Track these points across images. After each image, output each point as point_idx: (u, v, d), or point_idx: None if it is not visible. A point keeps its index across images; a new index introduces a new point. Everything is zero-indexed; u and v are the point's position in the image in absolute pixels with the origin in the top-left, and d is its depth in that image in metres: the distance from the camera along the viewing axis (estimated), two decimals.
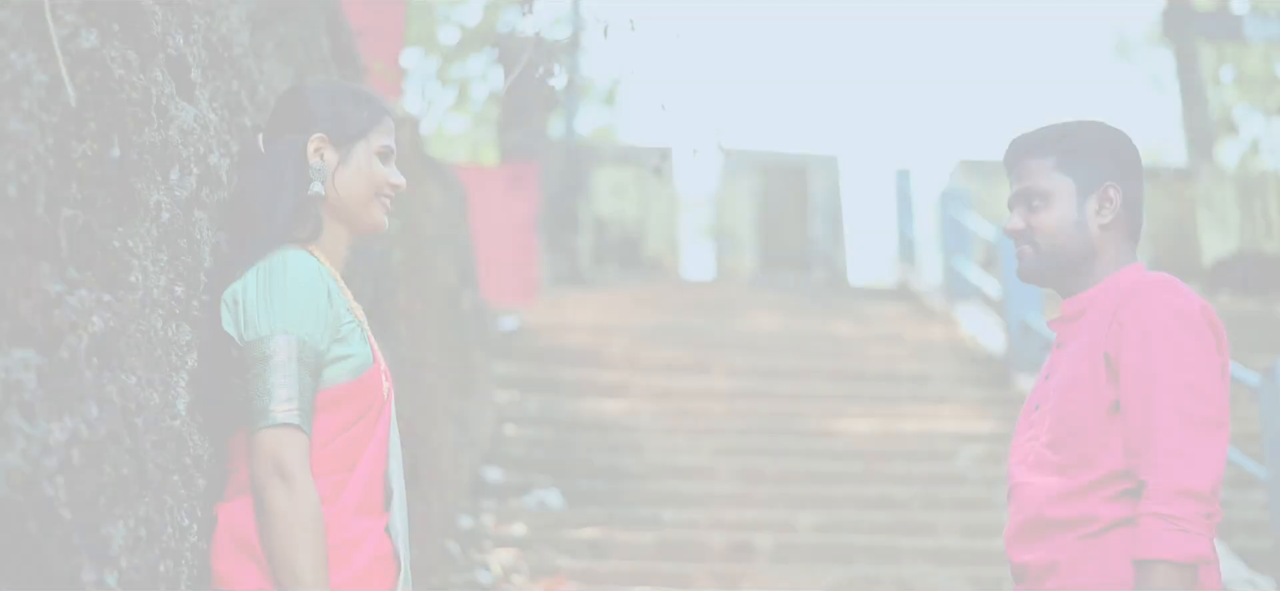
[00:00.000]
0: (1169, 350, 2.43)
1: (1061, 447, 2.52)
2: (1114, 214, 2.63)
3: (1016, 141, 2.72)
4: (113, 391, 1.89)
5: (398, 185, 2.58)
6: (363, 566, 2.36)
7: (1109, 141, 2.67)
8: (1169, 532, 2.30)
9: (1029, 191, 2.65)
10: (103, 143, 1.94)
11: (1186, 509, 2.31)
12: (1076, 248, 2.62)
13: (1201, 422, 2.38)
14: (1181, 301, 2.48)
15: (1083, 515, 2.47)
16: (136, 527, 1.92)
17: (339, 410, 2.39)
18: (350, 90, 2.59)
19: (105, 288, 1.94)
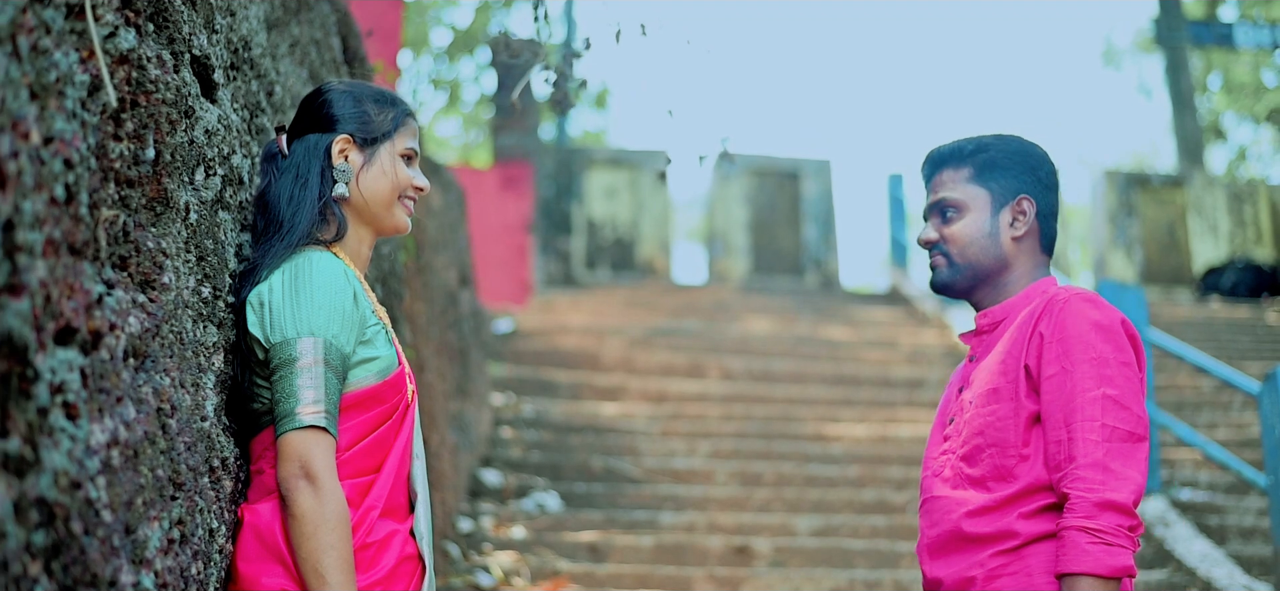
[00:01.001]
0: (1091, 363, 2.42)
1: (978, 461, 2.50)
2: (1027, 227, 2.62)
3: (933, 152, 2.72)
4: (148, 392, 1.88)
5: (421, 188, 2.58)
6: (389, 568, 2.36)
7: (1025, 155, 2.67)
8: (1094, 546, 2.29)
9: (944, 202, 2.64)
10: (139, 143, 1.93)
11: (1110, 522, 2.30)
12: (989, 259, 2.61)
13: (1124, 436, 2.37)
14: (1102, 315, 2.47)
15: (1000, 530, 2.45)
16: (170, 529, 1.92)
17: (364, 412, 2.39)
18: (374, 91, 2.58)
19: (140, 288, 1.94)
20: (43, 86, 1.57)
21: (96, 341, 1.70)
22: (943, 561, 2.54)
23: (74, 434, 1.58)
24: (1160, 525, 6.51)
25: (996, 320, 2.60)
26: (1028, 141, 2.71)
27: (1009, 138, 2.71)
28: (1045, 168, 2.68)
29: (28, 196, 1.47)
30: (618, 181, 15.84)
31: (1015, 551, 2.43)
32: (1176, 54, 16.94)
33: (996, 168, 2.64)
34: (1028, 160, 2.66)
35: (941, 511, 2.55)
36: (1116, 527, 2.30)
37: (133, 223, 1.91)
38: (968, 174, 2.64)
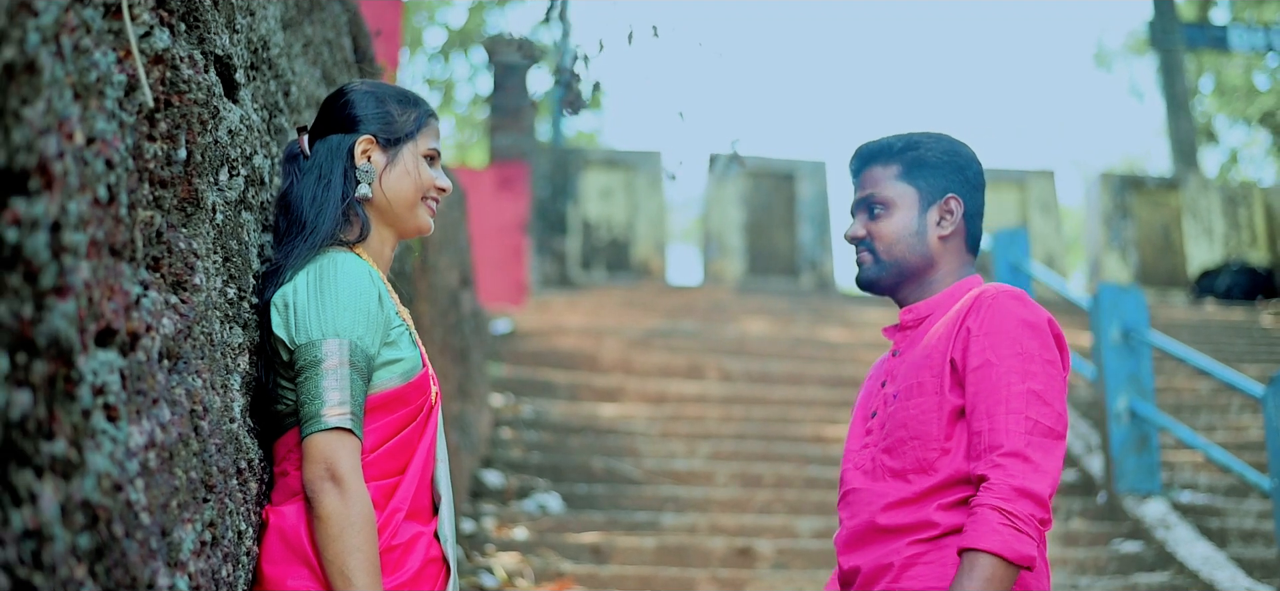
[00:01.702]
0: (1018, 359, 2.42)
1: (900, 453, 2.50)
2: (954, 226, 2.62)
3: (862, 148, 2.72)
4: (181, 394, 1.88)
5: (444, 188, 2.57)
6: (414, 571, 2.35)
7: (954, 154, 2.67)
8: (1004, 527, 2.29)
9: (872, 198, 2.65)
10: (171, 143, 1.92)
11: (1025, 509, 2.30)
12: (915, 257, 2.61)
13: (1045, 431, 2.37)
14: (1030, 313, 2.48)
15: (919, 521, 2.46)
16: (202, 532, 1.91)
17: (389, 414, 2.38)
18: (397, 92, 2.57)
19: (172, 289, 1.93)
20: (84, 86, 1.56)
21: (134, 343, 1.69)
22: (860, 551, 2.54)
23: (115, 436, 1.57)
24: (1161, 527, 6.52)
25: (921, 317, 2.60)
26: (957, 141, 2.71)
27: (938, 136, 2.71)
28: (973, 168, 2.68)
29: (72, 197, 1.46)
30: (613, 182, 15.83)
31: (933, 541, 2.43)
32: (1171, 56, 16.97)
33: (925, 166, 2.65)
34: (956, 160, 2.67)
35: (861, 503, 2.56)
36: (1029, 516, 2.30)
37: (165, 223, 1.91)
38: (896, 171, 2.65)
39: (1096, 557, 6.39)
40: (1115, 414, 6.99)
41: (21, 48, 1.35)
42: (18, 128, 1.33)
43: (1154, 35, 16.89)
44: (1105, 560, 6.37)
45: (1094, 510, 7.08)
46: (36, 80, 1.39)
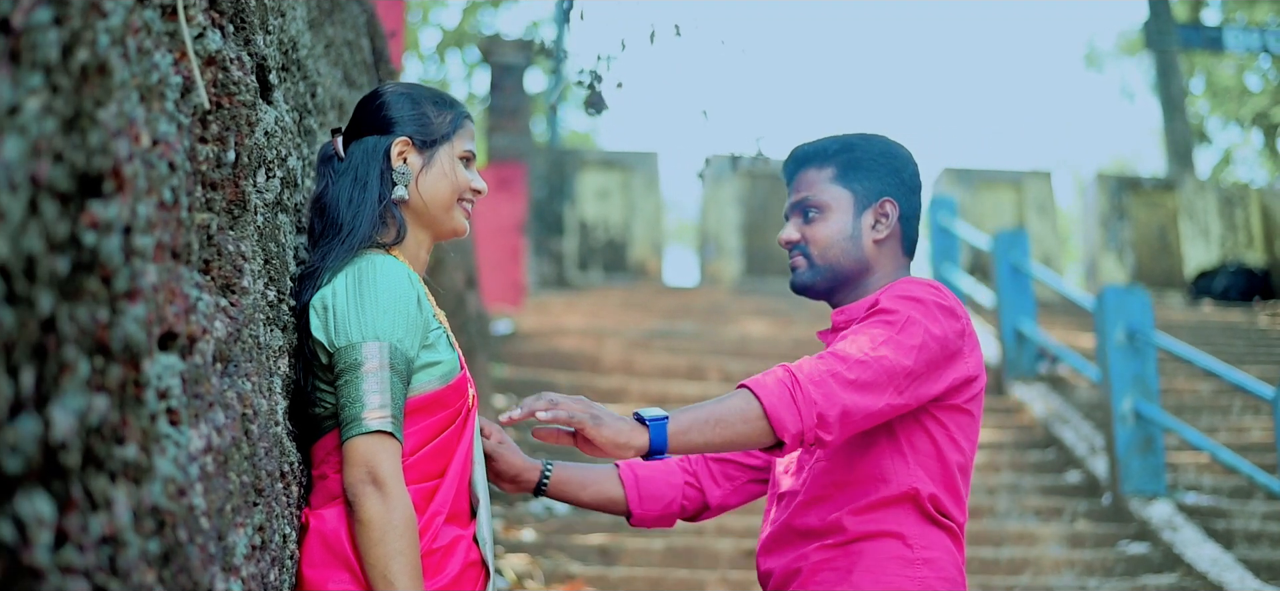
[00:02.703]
0: (883, 318, 2.39)
1: (828, 465, 2.49)
2: (890, 229, 2.59)
3: (796, 151, 2.68)
4: (232, 398, 1.87)
5: (480, 190, 2.56)
6: (454, 574, 2.34)
7: (890, 157, 2.64)
8: (785, 393, 2.25)
9: (806, 202, 2.61)
10: (221, 145, 1.92)
11: (811, 394, 2.26)
12: (849, 261, 2.58)
13: (880, 370, 2.31)
14: (918, 288, 2.45)
15: (829, 524, 2.44)
16: (253, 535, 1.90)
17: (428, 417, 2.37)
18: (432, 94, 2.56)
19: (221, 292, 1.92)
20: (147, 88, 1.55)
21: (191, 346, 1.68)
22: (775, 555, 2.53)
23: (178, 440, 1.56)
24: (1168, 529, 6.53)
25: (851, 318, 2.56)
26: (893, 143, 2.67)
27: (874, 138, 2.67)
28: (909, 170, 2.65)
29: (141, 200, 1.45)
30: (610, 183, 15.82)
31: (841, 546, 2.42)
32: (1166, 57, 17.01)
33: (860, 169, 2.61)
34: (892, 162, 2.63)
35: (781, 507, 2.55)
36: (810, 403, 2.26)
37: (214, 226, 1.90)
38: (831, 174, 2.61)
39: (1104, 559, 6.39)
40: (1120, 415, 6.99)
41: (93, 49, 1.34)
42: (93, 130, 1.32)
43: (1149, 36, 16.92)
44: (1112, 561, 6.38)
45: (1099, 511, 7.08)
46: (108, 82, 1.38)
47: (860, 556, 2.40)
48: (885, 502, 2.42)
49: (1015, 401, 8.98)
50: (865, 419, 2.33)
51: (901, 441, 2.45)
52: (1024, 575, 6.28)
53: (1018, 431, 8.49)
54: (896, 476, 2.44)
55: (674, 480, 2.80)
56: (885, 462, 2.44)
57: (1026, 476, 7.69)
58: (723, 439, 2.27)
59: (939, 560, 2.43)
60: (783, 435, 2.26)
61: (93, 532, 1.26)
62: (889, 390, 2.33)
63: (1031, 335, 9.09)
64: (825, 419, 2.28)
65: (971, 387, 2.48)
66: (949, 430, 2.46)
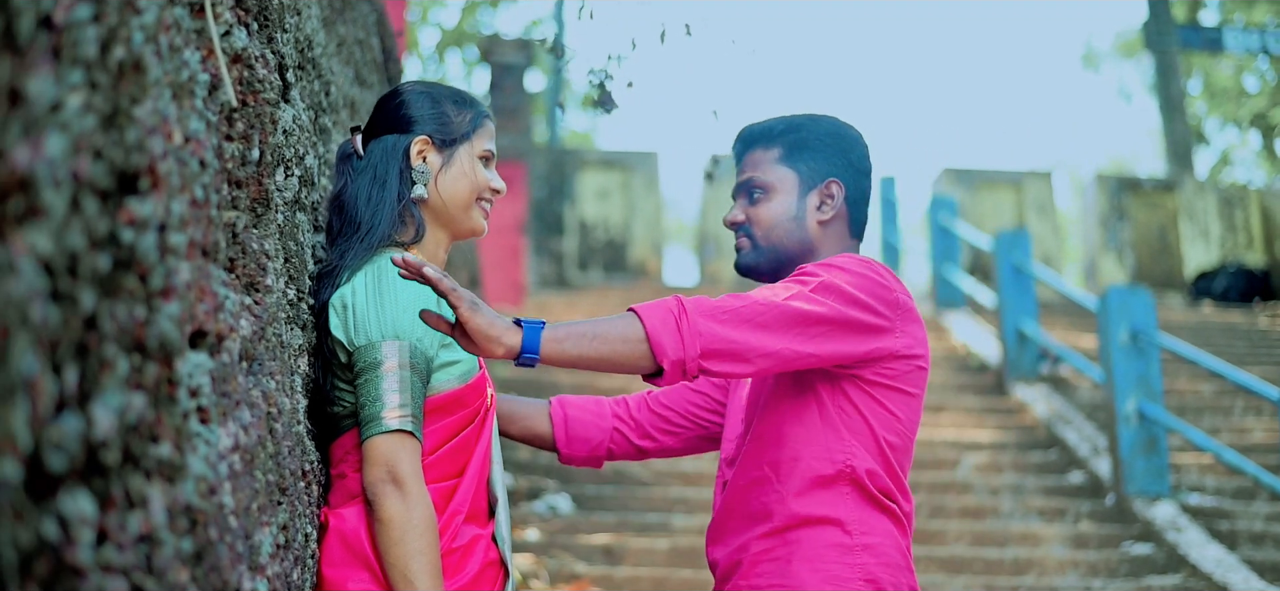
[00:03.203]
0: (811, 272, 2.37)
1: (761, 442, 2.45)
2: (835, 210, 2.55)
3: (744, 131, 2.65)
4: (257, 396, 1.86)
5: (499, 190, 2.55)
6: (474, 574, 2.34)
7: (837, 137, 2.60)
8: (671, 320, 2.22)
9: (751, 182, 2.58)
10: (246, 143, 1.91)
11: (697, 326, 2.22)
12: (793, 243, 2.54)
13: (778, 311, 2.27)
14: (846, 258, 2.41)
15: (766, 509, 2.40)
16: (277, 534, 1.90)
17: (447, 416, 2.37)
18: (452, 93, 2.56)
19: (246, 290, 1.91)
20: (178, 86, 1.54)
21: (219, 344, 1.68)
22: (718, 543, 2.51)
23: (208, 439, 1.56)
24: (1172, 530, 6.53)
25: None
26: (842, 123, 2.64)
27: (822, 118, 2.63)
28: (858, 151, 2.61)
29: (175, 197, 1.45)
30: (609, 183, 15.81)
31: (779, 535, 2.38)
32: (1166, 58, 17.03)
33: (806, 149, 2.57)
34: (840, 143, 2.60)
35: (722, 489, 2.53)
36: (693, 334, 2.21)
37: (239, 224, 1.89)
38: (777, 154, 2.57)
39: (1108, 560, 6.39)
40: (1124, 416, 6.99)
41: (129, 46, 1.34)
42: (130, 127, 1.31)
43: (1149, 37, 16.93)
44: (1116, 562, 6.38)
45: (1102, 512, 7.08)
46: (143, 79, 1.37)
47: (798, 545, 2.35)
48: (821, 482, 2.37)
49: (1017, 402, 8.98)
50: (762, 357, 2.26)
51: (831, 413, 2.39)
52: (1028, 575, 6.28)
53: (1020, 432, 8.49)
54: (829, 451, 2.38)
55: (603, 423, 2.77)
56: (817, 437, 2.39)
57: (1029, 477, 7.69)
58: (599, 355, 2.22)
59: (880, 545, 2.37)
60: (661, 360, 2.21)
61: (130, 531, 1.25)
62: (789, 334, 2.27)
63: (1033, 336, 9.09)
64: (711, 351, 2.22)
65: (905, 364, 2.41)
66: (882, 404, 2.39)
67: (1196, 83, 25.52)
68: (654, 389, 2.67)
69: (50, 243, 1.09)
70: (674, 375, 2.24)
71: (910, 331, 2.42)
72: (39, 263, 1.07)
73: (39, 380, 1.06)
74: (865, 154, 2.64)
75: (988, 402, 9.14)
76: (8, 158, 1.02)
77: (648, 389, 2.78)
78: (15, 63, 1.04)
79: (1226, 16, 23.04)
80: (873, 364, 2.39)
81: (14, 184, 1.03)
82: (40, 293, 1.06)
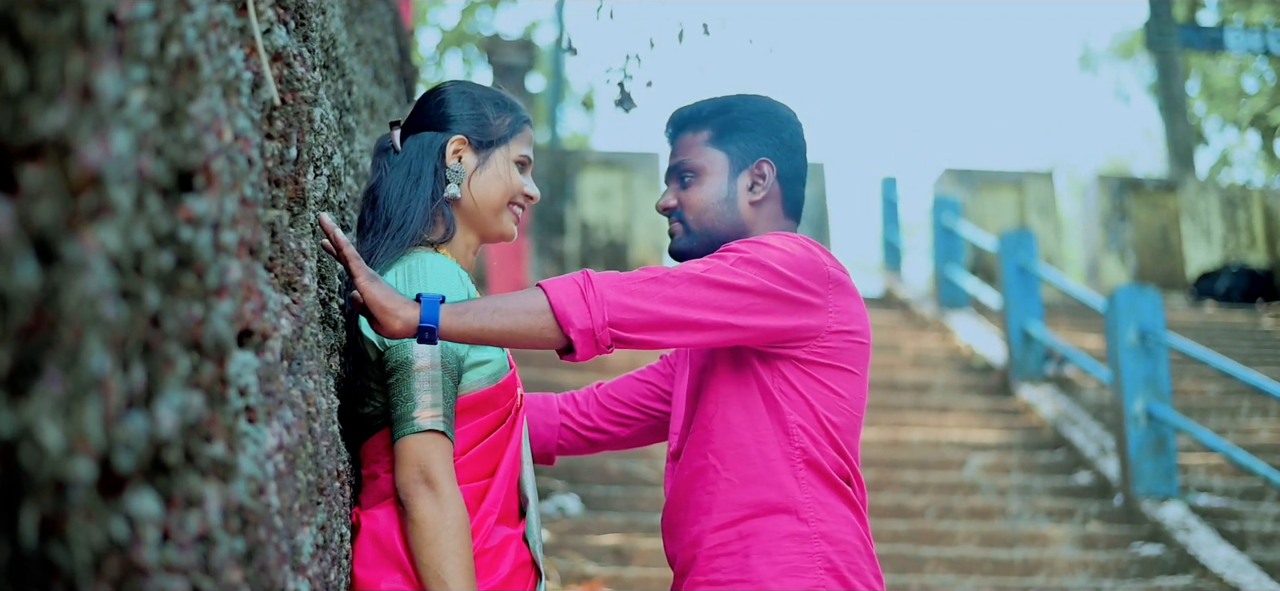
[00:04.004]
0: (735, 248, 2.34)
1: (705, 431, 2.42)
2: (767, 191, 2.52)
3: (674, 114, 2.62)
4: (297, 396, 1.85)
5: (532, 196, 2.53)
6: (506, 574, 2.33)
7: (768, 116, 2.57)
8: (576, 292, 2.21)
9: (681, 165, 2.56)
10: (285, 142, 1.90)
11: (603, 296, 2.21)
12: (725, 225, 2.51)
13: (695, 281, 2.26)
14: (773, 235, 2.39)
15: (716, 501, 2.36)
16: (316, 535, 1.89)
17: (478, 416, 2.36)
18: (493, 95, 2.54)
19: (286, 289, 1.90)
20: (226, 83, 1.54)
21: (263, 344, 1.67)
22: (672, 536, 2.48)
23: (256, 438, 1.55)
24: (1181, 530, 6.52)
25: None
26: (773, 102, 2.61)
27: (752, 98, 2.60)
28: (789, 129, 2.58)
29: (227, 195, 1.44)
30: (610, 183, 15.80)
31: (733, 526, 2.34)
32: (1167, 58, 17.01)
33: (736, 129, 2.54)
34: (770, 122, 2.56)
35: (670, 482, 2.50)
36: (600, 303, 2.20)
37: (279, 222, 1.88)
38: (706, 137, 2.55)
39: (1117, 560, 6.39)
40: (1132, 416, 6.99)
41: (183, 43, 1.33)
42: (186, 124, 1.30)
43: (1150, 37, 16.91)
44: (1126, 563, 6.37)
45: (1111, 513, 7.08)
46: (197, 77, 1.36)
47: (754, 538, 2.32)
48: (768, 468, 2.34)
49: (1023, 402, 8.97)
50: (677, 327, 2.25)
51: (772, 396, 2.36)
52: (1038, 576, 6.28)
53: (1026, 432, 8.49)
54: (773, 435, 2.35)
55: (551, 420, 2.76)
56: (759, 421, 2.36)
57: (1036, 477, 7.68)
58: (502, 328, 2.19)
59: (836, 532, 2.33)
60: (568, 330, 2.19)
61: (189, 530, 1.24)
62: (707, 306, 2.25)
63: (1039, 336, 9.09)
64: (622, 321, 2.21)
65: (840, 339, 2.37)
66: (821, 383, 2.36)
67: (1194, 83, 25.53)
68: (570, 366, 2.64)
69: (118, 240, 1.08)
70: (585, 347, 2.22)
71: (844, 306, 2.38)
72: (109, 260, 1.06)
73: (109, 379, 1.05)
74: (798, 132, 2.60)
75: (993, 403, 9.14)
76: (79, 154, 1.02)
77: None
78: (87, 58, 1.03)
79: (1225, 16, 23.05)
80: (806, 341, 2.35)
81: (85, 181, 1.02)
82: (110, 291, 1.05)
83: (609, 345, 2.23)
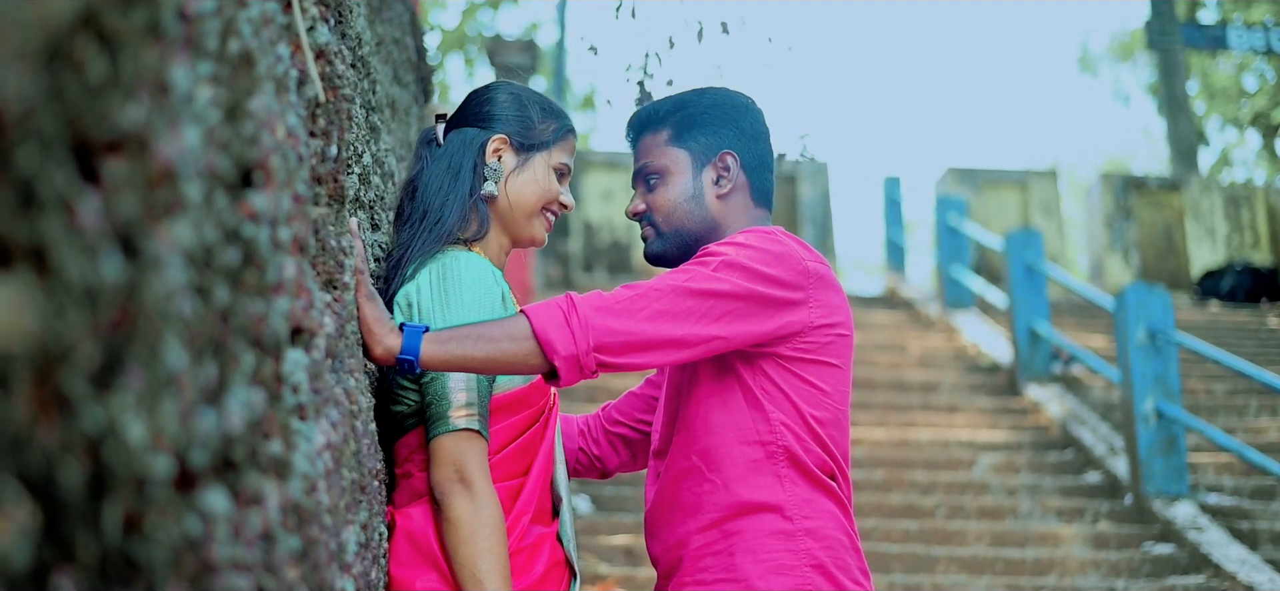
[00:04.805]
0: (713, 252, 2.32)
1: (688, 432, 2.40)
2: (733, 182, 2.50)
3: (632, 119, 2.60)
4: (340, 393, 1.85)
5: (568, 205, 2.52)
6: (541, 573, 2.33)
7: (725, 107, 2.54)
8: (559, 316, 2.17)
9: (646, 169, 2.54)
10: (327, 140, 1.90)
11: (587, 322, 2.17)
12: (695, 223, 2.49)
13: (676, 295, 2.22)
14: (749, 233, 2.36)
15: (701, 501, 2.35)
16: (359, 534, 1.88)
17: (512, 415, 2.36)
18: (541, 100, 2.54)
19: (327, 287, 1.90)
20: (277, 80, 1.53)
21: (311, 341, 1.66)
22: (656, 537, 2.46)
23: (308, 436, 1.54)
24: (1192, 530, 6.52)
25: None
26: (730, 92, 2.58)
27: (707, 91, 2.58)
28: (748, 117, 2.55)
29: (282, 192, 1.43)
30: (614, 184, 15.78)
31: (718, 526, 2.32)
32: (1169, 57, 17.01)
33: (695, 125, 2.52)
34: (728, 112, 2.54)
35: (653, 482, 2.49)
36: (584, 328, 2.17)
37: (320, 221, 1.88)
38: (666, 136, 2.53)
39: (1129, 560, 6.39)
40: (1142, 415, 6.99)
41: (241, 39, 1.32)
42: (246, 120, 1.30)
43: (1151, 35, 16.93)
44: (1138, 562, 6.37)
45: (1121, 512, 7.08)
46: (253, 73, 1.36)
47: (739, 536, 2.30)
48: (753, 468, 2.31)
49: (1031, 402, 8.97)
50: (663, 346, 2.22)
51: (755, 394, 2.34)
52: (1050, 576, 6.27)
53: (1035, 432, 8.49)
54: (757, 434, 2.32)
55: (569, 445, 2.74)
56: (743, 421, 2.33)
57: (1046, 477, 7.68)
58: (486, 355, 2.16)
59: (822, 528, 2.30)
60: (553, 357, 2.17)
61: (252, 528, 1.24)
62: (691, 319, 2.22)
63: (1047, 335, 9.08)
64: (607, 345, 2.18)
65: (823, 334, 2.35)
66: (804, 380, 2.33)
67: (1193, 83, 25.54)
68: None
69: (192, 235, 1.07)
70: (570, 373, 2.19)
71: (825, 300, 2.36)
72: (184, 256, 1.05)
73: (184, 376, 1.04)
74: (758, 118, 2.58)
75: (1000, 403, 9.14)
76: (155, 149, 1.01)
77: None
78: (162, 52, 1.03)
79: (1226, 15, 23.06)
80: (789, 339, 2.33)
81: (161, 175, 1.02)
82: (185, 286, 1.05)
83: (594, 370, 2.20)
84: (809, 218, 15.78)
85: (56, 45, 0.87)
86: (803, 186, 15.83)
